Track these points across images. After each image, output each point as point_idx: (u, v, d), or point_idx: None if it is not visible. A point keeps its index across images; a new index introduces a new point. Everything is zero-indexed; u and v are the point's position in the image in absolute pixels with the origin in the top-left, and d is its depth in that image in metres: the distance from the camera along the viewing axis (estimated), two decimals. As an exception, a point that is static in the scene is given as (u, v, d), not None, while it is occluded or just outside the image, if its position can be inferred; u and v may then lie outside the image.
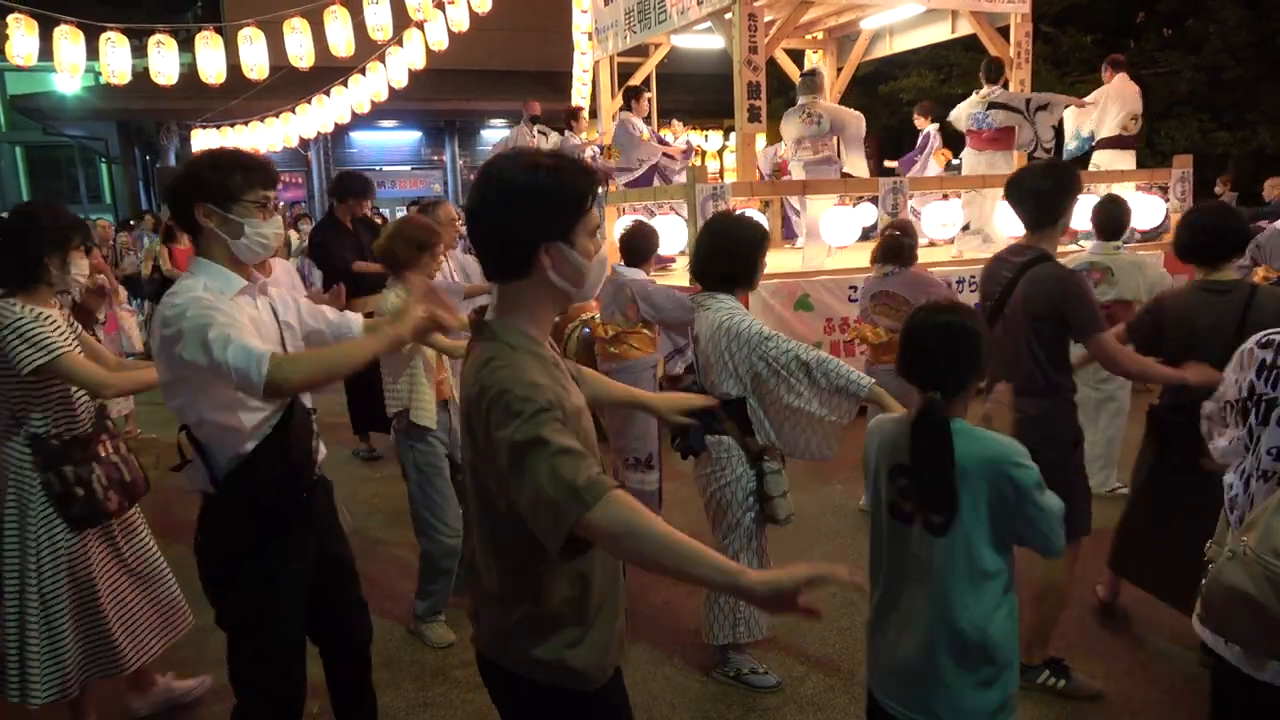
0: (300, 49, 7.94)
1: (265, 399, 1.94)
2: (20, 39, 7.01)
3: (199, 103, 12.55)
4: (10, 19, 6.92)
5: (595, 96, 9.72)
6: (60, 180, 22.71)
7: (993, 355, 1.90)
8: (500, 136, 12.40)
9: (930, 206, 7.15)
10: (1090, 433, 3.67)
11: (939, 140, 8.88)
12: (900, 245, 4.44)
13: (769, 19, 7.61)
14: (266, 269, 2.18)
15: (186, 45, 8.05)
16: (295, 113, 11.91)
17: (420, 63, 9.28)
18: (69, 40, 7.12)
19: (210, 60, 7.80)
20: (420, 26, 8.87)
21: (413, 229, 3.36)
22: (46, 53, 7.16)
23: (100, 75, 7.85)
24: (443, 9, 8.57)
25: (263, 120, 12.46)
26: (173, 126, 16.60)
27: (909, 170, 8.81)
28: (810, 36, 9.64)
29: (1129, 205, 4.44)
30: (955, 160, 8.62)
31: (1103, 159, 7.63)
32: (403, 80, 9.59)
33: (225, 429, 2.02)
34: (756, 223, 3.06)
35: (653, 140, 8.08)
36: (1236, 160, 12.25)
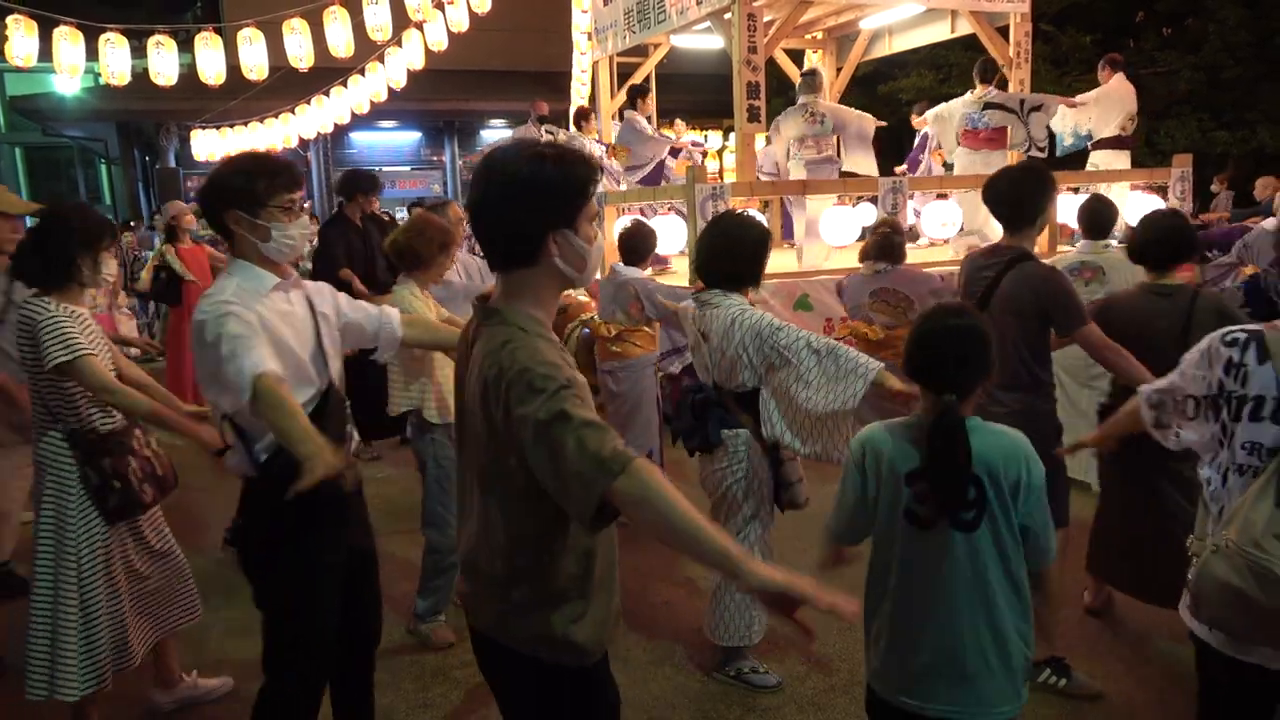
0: (300, 49, 7.92)
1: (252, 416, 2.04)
2: (20, 40, 6.99)
3: (198, 103, 12.52)
4: (10, 20, 6.90)
5: (595, 97, 9.71)
6: (60, 181, 22.69)
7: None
8: (499, 137, 12.40)
9: (930, 206, 7.14)
10: (1085, 429, 3.69)
11: (937, 140, 8.87)
12: (892, 243, 4.46)
13: (768, 19, 7.60)
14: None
15: (186, 46, 8.03)
16: (295, 113, 11.88)
17: (420, 63, 9.26)
18: (68, 41, 7.11)
19: (210, 61, 7.79)
20: (419, 27, 8.85)
21: (435, 229, 3.44)
22: (46, 54, 7.14)
23: (100, 76, 7.82)
24: (442, 9, 8.57)
25: (262, 121, 12.43)
26: (172, 127, 16.58)
27: (916, 172, 8.81)
28: (810, 36, 9.63)
29: (1115, 204, 4.46)
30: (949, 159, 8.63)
31: (1101, 159, 7.62)
32: (402, 81, 9.57)
33: None
34: (759, 222, 3.12)
35: (658, 135, 8.13)
36: (1236, 160, 12.25)
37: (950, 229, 7.09)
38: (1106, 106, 7.53)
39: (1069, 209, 6.18)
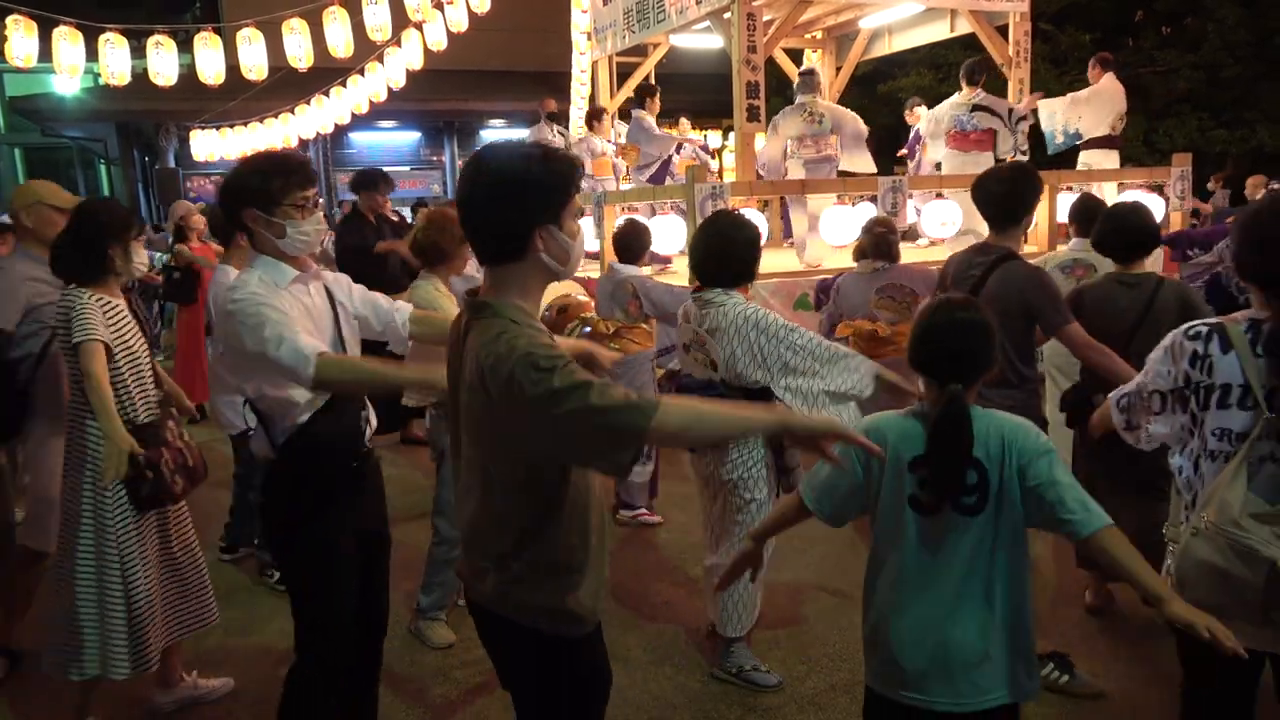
0: (299, 50, 7.92)
1: (312, 392, 2.18)
2: (19, 40, 6.98)
3: (198, 104, 12.52)
4: (9, 20, 6.89)
5: (594, 96, 9.72)
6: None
7: None
8: (499, 136, 12.39)
9: (930, 205, 7.14)
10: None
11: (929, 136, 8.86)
12: (889, 242, 4.47)
13: (768, 18, 7.60)
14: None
15: (185, 46, 8.02)
16: (294, 113, 11.88)
17: (419, 63, 9.27)
18: (68, 41, 7.11)
19: (209, 61, 7.79)
20: (419, 27, 8.85)
21: (456, 223, 3.44)
22: (46, 54, 7.14)
23: (99, 76, 7.82)
24: (441, 9, 8.56)
25: (262, 121, 12.43)
26: (171, 127, 16.60)
27: (914, 158, 8.79)
28: (809, 36, 9.63)
29: (1106, 203, 4.47)
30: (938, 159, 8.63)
31: (1092, 159, 7.61)
32: (401, 81, 9.57)
33: (282, 402, 2.22)
34: (749, 221, 3.18)
35: (664, 134, 8.17)
36: (1235, 159, 12.26)
37: (950, 228, 7.08)
38: (1098, 106, 7.53)
39: (1069, 208, 6.18)
